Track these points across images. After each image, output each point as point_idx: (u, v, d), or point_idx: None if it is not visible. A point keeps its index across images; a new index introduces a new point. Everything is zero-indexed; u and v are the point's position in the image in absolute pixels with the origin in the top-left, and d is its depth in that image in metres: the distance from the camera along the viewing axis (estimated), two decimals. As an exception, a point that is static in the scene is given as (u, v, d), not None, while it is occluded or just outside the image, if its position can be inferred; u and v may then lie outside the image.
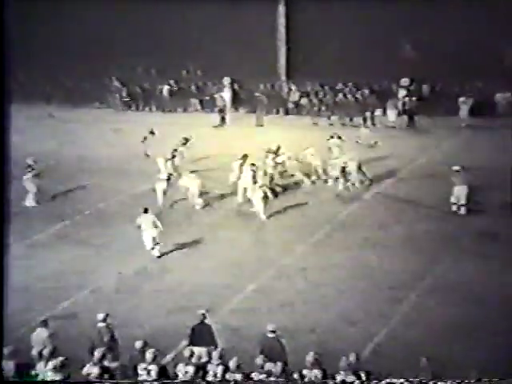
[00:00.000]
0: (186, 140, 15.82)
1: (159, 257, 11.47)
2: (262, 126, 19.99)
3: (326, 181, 14.71)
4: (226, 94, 20.87)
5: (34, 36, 19.76)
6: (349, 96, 20.22)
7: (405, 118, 19.43)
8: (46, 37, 20.46)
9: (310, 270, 11.04)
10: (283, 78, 21.13)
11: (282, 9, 20.61)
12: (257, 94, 20.75)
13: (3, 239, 8.05)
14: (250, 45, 20.14)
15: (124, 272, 10.97)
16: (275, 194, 13.86)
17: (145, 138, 16.70)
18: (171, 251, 11.75)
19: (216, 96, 20.77)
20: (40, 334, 8.39)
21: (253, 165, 13.90)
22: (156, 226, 11.46)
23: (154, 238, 11.50)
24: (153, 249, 11.53)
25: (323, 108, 20.29)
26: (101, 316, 8.54)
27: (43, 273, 10.78)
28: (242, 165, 14.07)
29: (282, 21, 20.58)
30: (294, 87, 21.06)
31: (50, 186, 14.07)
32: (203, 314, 8.69)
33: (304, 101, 20.80)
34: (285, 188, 14.37)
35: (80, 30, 20.58)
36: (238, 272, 11.09)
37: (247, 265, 11.33)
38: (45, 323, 8.57)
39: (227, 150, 15.97)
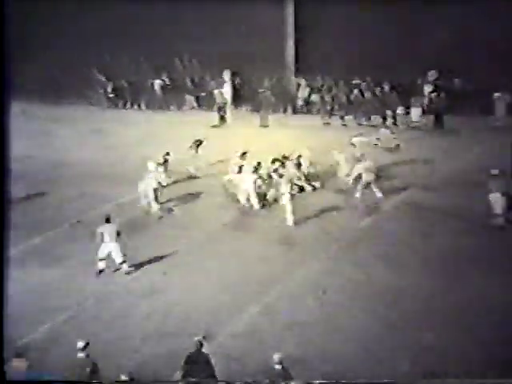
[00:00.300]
0: (200, 142, 15.96)
1: (128, 273, 11.49)
2: (266, 126, 20.21)
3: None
4: (227, 90, 21.01)
5: None
6: (366, 92, 20.34)
7: (431, 117, 19.43)
8: (17, 20, 20.56)
9: (321, 289, 11.15)
10: (291, 71, 21.32)
11: (290, -5, 20.96)
12: (261, 90, 20.88)
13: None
14: (254, 34, 20.28)
15: (98, 292, 11.04)
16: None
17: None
18: (160, 267, 11.82)
19: (215, 92, 20.93)
20: (17, 366, 8.45)
21: (258, 164, 14.27)
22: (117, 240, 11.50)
23: (117, 253, 11.53)
24: (121, 264, 11.53)
25: (336, 106, 20.47)
26: (81, 344, 8.50)
27: (18, 295, 10.77)
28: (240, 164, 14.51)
29: (290, 8, 20.78)
30: (303, 82, 21.19)
31: (21, 195, 14.11)
32: (199, 341, 8.77)
33: (315, 98, 20.93)
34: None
35: (55, 12, 20.62)
36: (238, 290, 11.14)
37: (250, 282, 11.40)
38: (19, 354, 8.63)
39: (226, 153, 16.09)
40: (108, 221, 11.80)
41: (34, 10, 19.94)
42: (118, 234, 11.69)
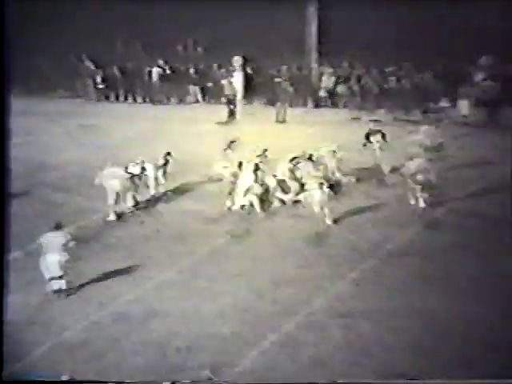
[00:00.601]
0: (233, 142, 15.85)
1: (56, 292, 11.27)
2: (283, 122, 19.97)
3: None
4: (237, 80, 20.90)
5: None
6: (404, 81, 20.06)
7: (483, 110, 19.05)
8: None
9: (348, 316, 10.94)
10: (314, 57, 21.12)
11: (312, -33, 20.81)
12: (277, 80, 20.78)
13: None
14: (270, 13, 20.19)
15: (96, 318, 10.89)
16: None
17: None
18: (157, 285, 11.73)
19: (223, 82, 20.79)
20: None
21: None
22: (65, 250, 11.35)
23: (59, 266, 11.30)
24: (52, 279, 11.26)
25: (368, 98, 20.25)
26: (65, 377, 8.41)
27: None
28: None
29: (312, -20, 20.79)
30: (328, 70, 21.05)
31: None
32: (210, 379, 8.59)
33: (341, 88, 20.74)
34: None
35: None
36: (251, 317, 10.99)
37: (264, 307, 11.24)
38: None
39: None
40: (58, 227, 11.51)
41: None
42: (66, 244, 11.39)
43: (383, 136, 15.99)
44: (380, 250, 12.82)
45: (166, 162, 15.03)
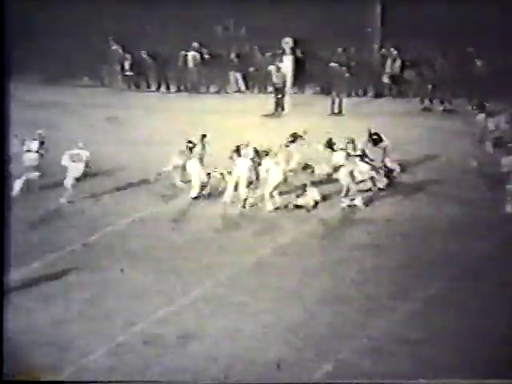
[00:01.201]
0: (295, 137, 15.98)
1: None
2: (340, 114, 20.01)
3: None
4: (287, 65, 20.89)
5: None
6: (490, 65, 19.41)
7: None
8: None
9: (413, 342, 10.73)
10: (376, 38, 21.01)
11: None
12: (332, 65, 20.70)
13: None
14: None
15: (123, 339, 10.99)
16: None
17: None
18: (192, 301, 11.81)
19: (271, 68, 20.81)
20: None
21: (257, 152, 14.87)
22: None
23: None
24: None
25: (442, 85, 19.89)
26: None
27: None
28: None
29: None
30: (393, 52, 20.84)
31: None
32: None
33: (409, 74, 20.53)
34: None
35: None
36: (299, 340, 10.90)
37: (314, 329, 11.18)
38: None
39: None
40: None
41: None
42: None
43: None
44: (453, 267, 12.66)
45: (191, 148, 15.46)
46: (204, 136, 15.75)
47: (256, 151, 15.21)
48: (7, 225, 10.55)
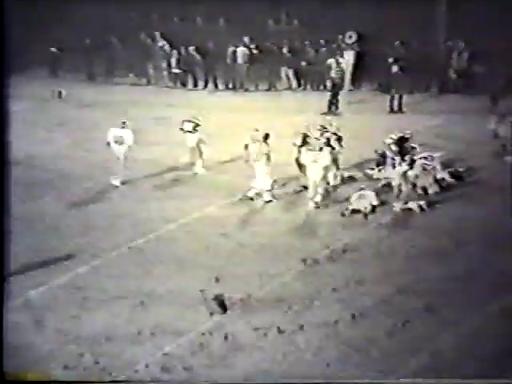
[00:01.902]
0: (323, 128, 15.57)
1: None
2: (400, 112, 19.64)
3: None
4: (348, 60, 20.62)
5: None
6: None
7: None
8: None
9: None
10: (441, 31, 20.50)
11: None
12: (391, 60, 20.31)
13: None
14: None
15: (170, 349, 10.79)
16: None
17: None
18: (241, 311, 11.62)
19: (330, 61, 20.50)
20: None
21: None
22: None
23: None
24: None
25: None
26: None
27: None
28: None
29: None
30: (459, 44, 20.27)
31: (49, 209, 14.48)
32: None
33: (479, 69, 19.92)
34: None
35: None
36: (354, 354, 10.61)
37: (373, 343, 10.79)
38: None
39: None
40: None
41: None
42: None
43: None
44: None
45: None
46: (267, 136, 15.35)
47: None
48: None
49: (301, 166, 15.07)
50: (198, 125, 16.44)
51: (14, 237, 11.19)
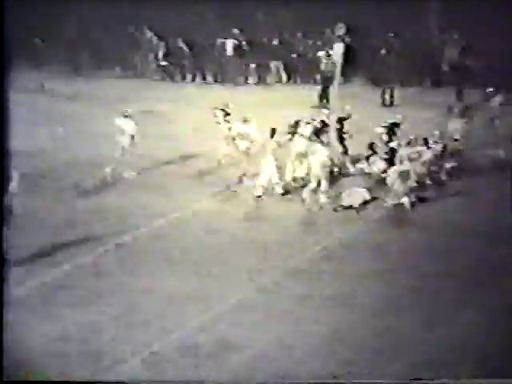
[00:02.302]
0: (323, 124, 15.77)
1: None
2: (391, 105, 19.85)
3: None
4: (337, 52, 20.62)
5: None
6: None
7: None
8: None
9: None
10: (433, 22, 20.64)
11: None
12: (383, 52, 20.35)
13: None
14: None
15: (158, 348, 10.72)
16: None
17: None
18: (232, 308, 11.60)
19: (320, 54, 20.54)
20: None
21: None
22: None
23: None
24: None
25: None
26: None
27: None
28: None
29: None
30: (454, 36, 20.30)
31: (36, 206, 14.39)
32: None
33: (472, 61, 19.88)
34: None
35: None
36: (353, 355, 10.56)
37: (370, 342, 10.82)
38: None
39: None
40: None
41: None
42: None
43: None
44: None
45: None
46: (274, 131, 15.36)
47: None
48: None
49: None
50: (228, 114, 16.29)
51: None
